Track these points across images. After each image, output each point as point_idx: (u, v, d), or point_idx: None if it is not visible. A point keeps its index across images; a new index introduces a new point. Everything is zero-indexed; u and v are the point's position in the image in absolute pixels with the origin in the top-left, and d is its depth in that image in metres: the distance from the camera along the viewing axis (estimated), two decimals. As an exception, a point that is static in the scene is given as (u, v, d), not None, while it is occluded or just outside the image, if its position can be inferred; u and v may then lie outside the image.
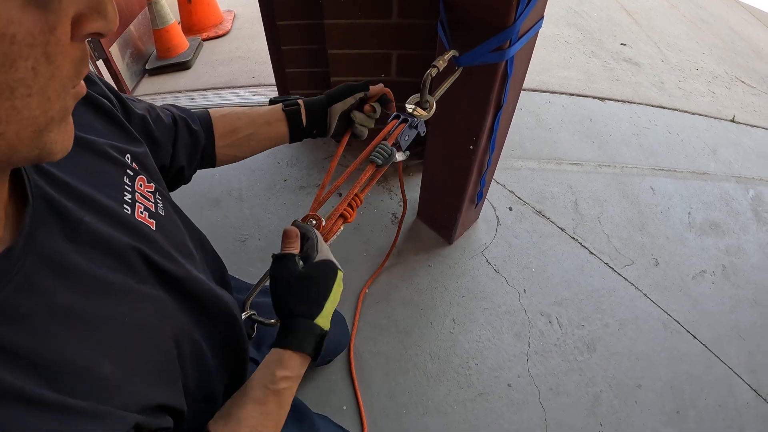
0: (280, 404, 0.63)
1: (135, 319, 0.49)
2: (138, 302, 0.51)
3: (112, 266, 0.49)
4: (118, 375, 0.45)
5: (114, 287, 0.48)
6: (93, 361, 0.43)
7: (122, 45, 2.68)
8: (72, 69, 0.34)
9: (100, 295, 0.46)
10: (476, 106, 1.23)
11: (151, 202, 0.61)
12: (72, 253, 0.46)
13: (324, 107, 0.91)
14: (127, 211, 0.55)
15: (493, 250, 1.79)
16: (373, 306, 1.63)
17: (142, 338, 0.50)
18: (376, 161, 0.83)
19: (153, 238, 0.56)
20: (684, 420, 1.43)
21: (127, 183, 0.58)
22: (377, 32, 1.63)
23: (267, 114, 0.90)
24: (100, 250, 0.49)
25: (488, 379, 1.47)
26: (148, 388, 0.49)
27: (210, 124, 0.87)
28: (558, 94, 2.64)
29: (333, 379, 1.46)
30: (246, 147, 0.90)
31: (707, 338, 1.62)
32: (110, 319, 0.47)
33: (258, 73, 2.77)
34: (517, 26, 1.01)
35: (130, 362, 0.47)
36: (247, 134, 0.89)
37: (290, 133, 0.91)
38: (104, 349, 0.45)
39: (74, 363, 0.42)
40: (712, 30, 3.69)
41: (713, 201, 2.10)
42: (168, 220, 0.63)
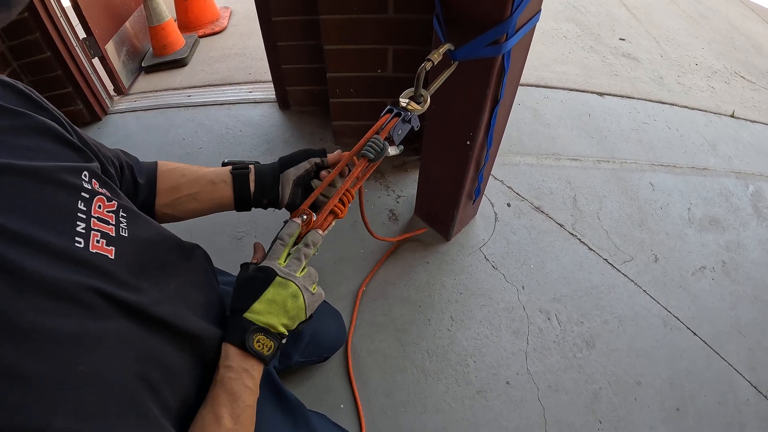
0: (230, 392, 0.65)
1: (88, 365, 0.48)
2: (95, 343, 0.49)
3: (64, 312, 0.48)
4: (75, 427, 0.44)
5: (67, 337, 0.47)
6: (44, 420, 0.42)
7: (118, 42, 2.66)
8: None
9: (51, 350, 0.45)
10: (473, 101, 1.22)
11: (111, 225, 0.59)
12: (18, 309, 0.44)
13: (276, 173, 0.88)
14: (79, 245, 0.53)
15: (492, 247, 1.78)
16: (370, 303, 1.62)
17: (98, 383, 0.48)
18: (368, 155, 0.82)
19: (109, 269, 0.55)
20: (684, 417, 1.42)
21: (81, 209, 0.55)
22: (373, 27, 1.62)
23: (212, 174, 0.88)
24: (50, 298, 0.47)
25: (487, 377, 1.46)
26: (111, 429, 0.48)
27: (154, 179, 0.85)
28: (556, 89, 2.62)
29: (330, 377, 1.45)
30: (187, 207, 0.87)
31: (707, 335, 1.61)
32: (63, 374, 0.45)
33: (254, 70, 2.75)
34: (513, 20, 0.99)
35: (87, 411, 0.46)
36: (188, 193, 0.86)
37: (235, 198, 0.88)
38: (57, 405, 0.44)
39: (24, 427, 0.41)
40: (711, 25, 3.67)
41: (713, 197, 2.09)
42: (135, 240, 0.62)
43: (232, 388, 0.65)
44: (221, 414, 0.62)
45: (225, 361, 0.67)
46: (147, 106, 2.50)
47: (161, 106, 2.49)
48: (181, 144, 2.24)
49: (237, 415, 0.63)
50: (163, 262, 0.67)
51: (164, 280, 0.65)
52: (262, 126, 2.31)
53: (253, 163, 0.91)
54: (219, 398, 0.63)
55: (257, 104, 2.45)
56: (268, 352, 0.69)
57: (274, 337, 0.70)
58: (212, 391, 0.65)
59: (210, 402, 0.63)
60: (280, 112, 2.39)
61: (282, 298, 0.71)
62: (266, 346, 0.69)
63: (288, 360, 1.22)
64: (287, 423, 0.91)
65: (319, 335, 1.28)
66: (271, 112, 2.40)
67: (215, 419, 0.62)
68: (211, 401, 0.63)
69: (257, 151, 2.18)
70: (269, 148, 2.19)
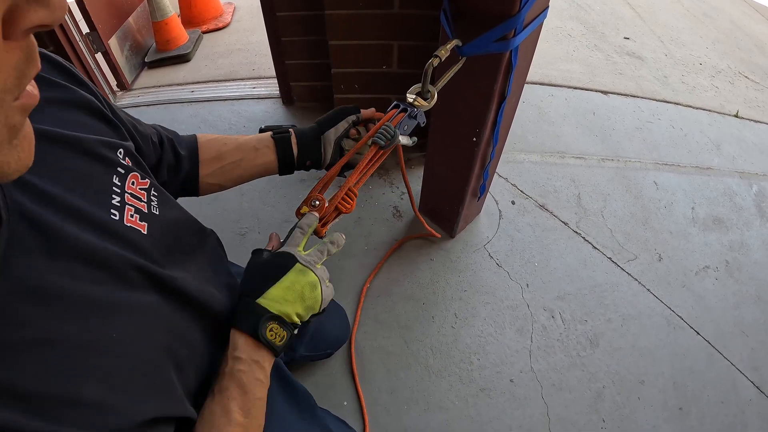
0: (239, 384, 0.62)
1: (122, 333, 0.47)
2: (126, 314, 0.49)
3: (98, 279, 0.48)
4: (106, 396, 0.44)
5: (100, 303, 0.47)
6: (75, 388, 0.42)
7: (121, 38, 2.66)
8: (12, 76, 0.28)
9: (84, 315, 0.45)
10: (480, 97, 1.21)
11: (143, 202, 0.59)
12: (53, 273, 0.44)
13: (316, 134, 0.88)
14: (114, 216, 0.53)
15: (496, 244, 1.78)
16: (374, 300, 1.62)
17: (130, 352, 0.48)
18: (379, 142, 0.81)
19: (142, 244, 0.55)
20: (686, 416, 1.42)
21: (116, 184, 0.56)
22: (378, 23, 1.61)
23: (254, 140, 0.87)
24: (85, 264, 0.47)
25: (490, 375, 1.45)
26: (139, 403, 0.47)
27: (196, 150, 0.84)
28: (561, 87, 2.61)
29: (333, 374, 1.45)
30: (231, 175, 0.87)
31: (710, 334, 1.60)
32: (94, 340, 0.45)
33: (258, 66, 2.75)
34: (522, 15, 0.99)
35: (118, 380, 0.46)
36: (232, 161, 0.86)
37: (279, 162, 0.88)
38: (88, 373, 0.43)
39: (55, 393, 0.40)
40: (715, 25, 3.66)
41: (717, 196, 2.09)
42: (163, 219, 0.62)
43: (242, 380, 0.62)
44: (231, 408, 0.60)
45: (234, 352, 0.64)
46: (150, 102, 2.50)
47: (164, 101, 2.49)
48: (184, 139, 2.23)
49: (248, 408, 0.62)
50: (187, 243, 0.67)
51: (188, 261, 0.66)
52: (266, 122, 2.29)
53: (291, 127, 0.91)
54: (228, 391, 0.61)
55: (261, 100, 2.44)
56: (280, 342, 0.66)
57: (287, 327, 0.66)
58: (221, 383, 0.62)
59: (219, 394, 0.61)
60: (283, 108, 2.39)
61: (301, 285, 0.67)
62: (279, 336, 0.65)
63: (293, 353, 1.22)
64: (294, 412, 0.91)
65: (324, 329, 1.28)
66: (275, 107, 2.39)
67: (225, 413, 0.60)
68: (220, 393, 0.61)
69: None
70: (273, 144, 2.18)
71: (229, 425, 0.59)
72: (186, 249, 0.67)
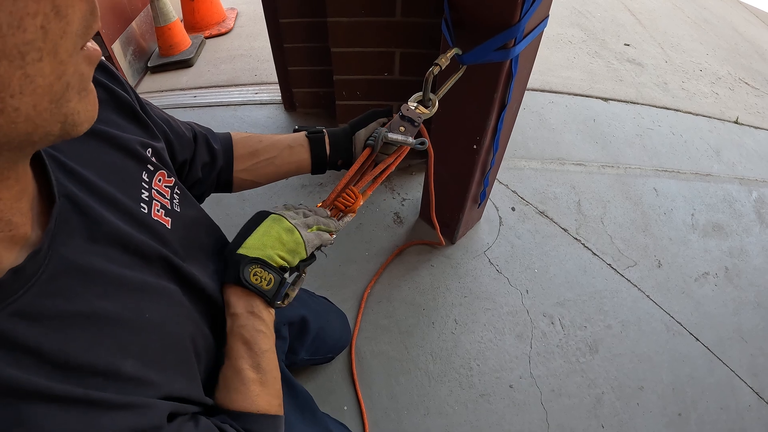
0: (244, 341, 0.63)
1: (155, 314, 0.50)
2: (156, 298, 0.52)
3: (130, 264, 0.50)
4: (142, 372, 0.46)
5: (134, 285, 0.49)
6: (116, 361, 0.44)
7: (124, 42, 2.67)
8: (82, 23, 0.31)
9: (121, 294, 0.47)
10: (480, 105, 1.22)
11: (167, 199, 0.61)
12: (93, 254, 0.46)
13: (348, 135, 0.89)
14: (143, 209, 0.55)
15: (496, 251, 1.79)
16: (374, 306, 1.62)
17: (162, 333, 0.51)
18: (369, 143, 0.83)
19: (167, 237, 0.57)
20: (686, 422, 1.42)
21: (145, 180, 0.58)
22: (380, 30, 1.62)
23: (289, 139, 0.88)
24: (120, 249, 0.49)
25: (490, 380, 1.46)
26: (171, 382, 0.50)
27: (230, 145, 0.86)
28: (561, 94, 2.63)
29: (334, 379, 1.46)
30: (266, 171, 0.88)
31: (709, 340, 1.61)
32: (131, 318, 0.47)
33: (260, 71, 2.76)
34: (521, 25, 1.00)
35: (152, 358, 0.48)
36: (267, 158, 0.87)
37: (312, 160, 0.88)
38: (126, 348, 0.46)
39: (97, 365, 0.42)
40: (716, 31, 3.68)
41: (716, 203, 2.09)
42: (184, 217, 0.64)
43: (243, 336, 0.63)
44: (241, 366, 0.61)
45: (229, 309, 0.65)
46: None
47: (167, 106, 2.50)
48: (186, 144, 2.24)
49: (257, 363, 0.63)
50: (205, 243, 0.69)
51: (205, 260, 0.67)
52: (268, 127, 2.32)
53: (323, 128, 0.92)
54: (234, 350, 0.62)
55: (263, 105, 2.46)
56: (268, 286, 0.65)
57: (272, 270, 0.66)
58: (227, 345, 0.63)
59: (228, 357, 0.63)
60: (285, 114, 2.40)
61: (276, 231, 0.68)
62: (264, 279, 0.65)
63: (294, 356, 1.23)
64: (295, 413, 0.92)
65: (325, 333, 1.29)
66: (277, 113, 2.41)
67: (236, 373, 0.61)
68: (228, 356, 0.62)
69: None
70: (274, 150, 2.19)
71: (243, 384, 0.61)
72: (203, 247, 0.68)
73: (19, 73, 0.28)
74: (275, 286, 0.66)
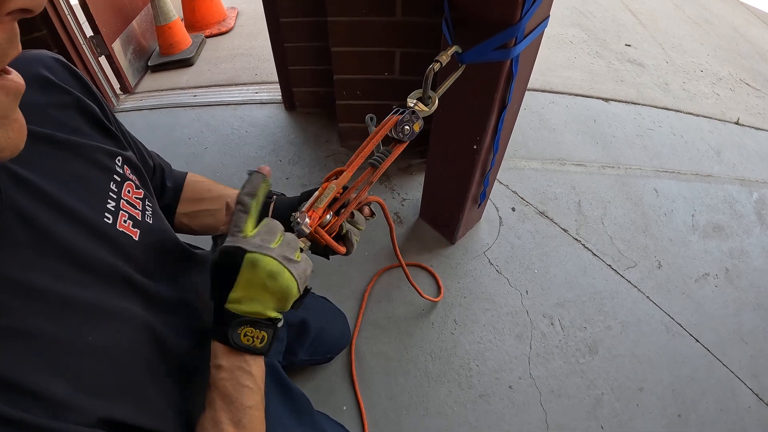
0: (224, 395, 0.58)
1: (99, 337, 0.48)
2: (107, 319, 0.50)
3: (84, 282, 0.48)
4: (72, 394, 0.44)
5: (81, 305, 0.47)
6: (45, 383, 0.42)
7: (125, 41, 2.67)
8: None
9: (64, 315, 0.45)
10: (481, 105, 1.22)
11: (137, 210, 0.60)
12: (39, 269, 0.45)
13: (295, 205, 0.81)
14: (108, 220, 0.54)
15: (496, 251, 1.78)
16: (374, 306, 1.62)
17: (104, 356, 0.48)
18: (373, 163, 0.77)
19: (131, 251, 0.56)
20: (685, 423, 1.42)
21: (113, 189, 0.57)
22: (381, 30, 1.62)
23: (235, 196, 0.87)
24: (71, 264, 0.48)
25: (489, 381, 1.46)
26: (104, 406, 0.47)
27: (181, 187, 0.85)
28: (562, 94, 2.62)
29: (333, 379, 1.45)
30: (205, 222, 0.86)
31: (709, 341, 1.61)
32: (69, 340, 0.45)
33: (261, 71, 2.76)
34: (522, 24, 1.00)
35: (87, 381, 0.46)
36: (209, 209, 0.86)
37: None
38: (60, 370, 0.44)
39: (25, 385, 0.41)
40: (717, 32, 3.67)
41: (717, 203, 2.09)
42: (155, 228, 0.63)
43: (225, 389, 0.58)
44: (220, 419, 0.57)
45: (215, 360, 0.59)
46: (153, 105, 2.51)
47: (167, 105, 2.50)
48: (186, 144, 2.24)
49: (238, 419, 0.58)
50: (176, 258, 0.68)
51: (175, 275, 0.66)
52: (268, 127, 2.32)
53: (278, 194, 0.88)
54: (215, 402, 0.58)
55: (263, 105, 2.46)
56: (261, 344, 0.59)
57: (264, 326, 0.59)
58: (208, 395, 0.59)
59: (208, 406, 0.59)
60: (285, 113, 2.40)
61: (259, 279, 0.57)
62: (257, 338, 0.59)
63: (293, 357, 1.22)
64: (291, 416, 0.91)
65: (325, 333, 1.28)
66: (277, 113, 2.41)
67: (214, 425, 0.57)
68: (209, 405, 0.59)
69: (263, 151, 2.18)
70: (274, 149, 2.19)
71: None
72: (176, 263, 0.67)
73: None
74: (269, 341, 0.60)
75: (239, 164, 2.12)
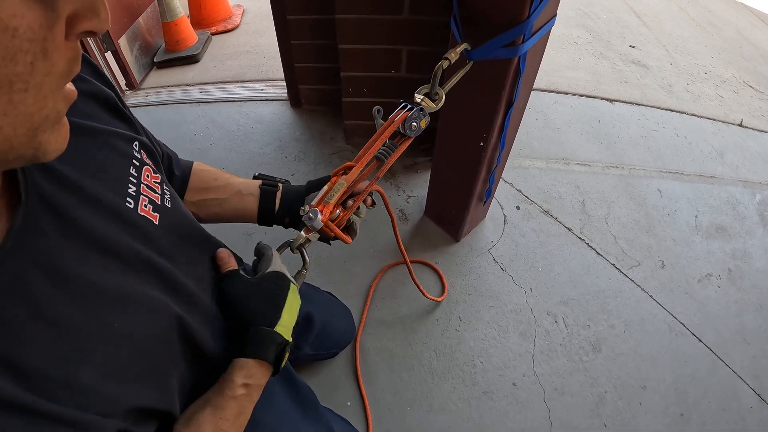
0: (239, 410, 0.62)
1: (125, 323, 0.48)
2: (131, 305, 0.50)
3: (107, 267, 0.48)
4: (99, 381, 0.44)
5: (107, 291, 0.48)
6: (72, 369, 0.42)
7: (131, 37, 2.68)
8: (65, 67, 0.34)
9: (90, 300, 0.46)
10: (488, 102, 1.23)
11: (157, 194, 0.60)
12: (65, 255, 0.45)
13: (302, 195, 0.88)
14: (129, 205, 0.54)
15: (500, 249, 1.79)
16: (379, 302, 1.63)
17: (130, 343, 0.49)
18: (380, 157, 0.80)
19: (153, 235, 0.56)
20: (687, 423, 1.42)
21: (133, 174, 0.57)
22: (388, 28, 1.63)
23: (242, 185, 0.88)
24: (96, 250, 0.48)
25: (493, 378, 1.46)
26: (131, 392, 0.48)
27: (188, 175, 0.86)
28: (566, 94, 2.63)
29: (337, 374, 1.46)
30: (212, 211, 0.87)
31: (712, 341, 1.61)
32: (98, 326, 0.46)
33: (266, 68, 2.77)
34: (530, 22, 1.01)
35: (113, 368, 0.46)
36: (216, 197, 0.87)
37: (259, 212, 0.88)
38: (86, 357, 0.44)
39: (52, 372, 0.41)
40: (720, 34, 3.67)
41: (720, 205, 2.10)
42: (174, 212, 0.63)
43: (243, 406, 0.62)
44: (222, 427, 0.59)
45: (247, 378, 0.63)
46: (158, 102, 2.52)
47: (173, 101, 2.51)
48: (192, 140, 2.25)
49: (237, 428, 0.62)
50: (195, 242, 0.68)
51: (194, 261, 0.66)
52: (273, 123, 2.32)
53: (284, 182, 0.91)
54: (225, 412, 0.60)
55: (269, 102, 2.46)
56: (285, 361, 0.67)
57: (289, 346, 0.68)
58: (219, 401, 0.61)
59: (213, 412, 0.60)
60: (291, 111, 2.41)
61: (297, 305, 0.70)
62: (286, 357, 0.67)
63: (298, 350, 1.23)
64: (297, 410, 0.92)
65: (330, 328, 1.29)
66: (283, 110, 2.42)
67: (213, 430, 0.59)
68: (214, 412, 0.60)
69: (268, 148, 2.19)
70: (280, 146, 2.20)
71: None
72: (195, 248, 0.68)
73: (5, 99, 0.30)
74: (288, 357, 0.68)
75: (244, 160, 2.13)
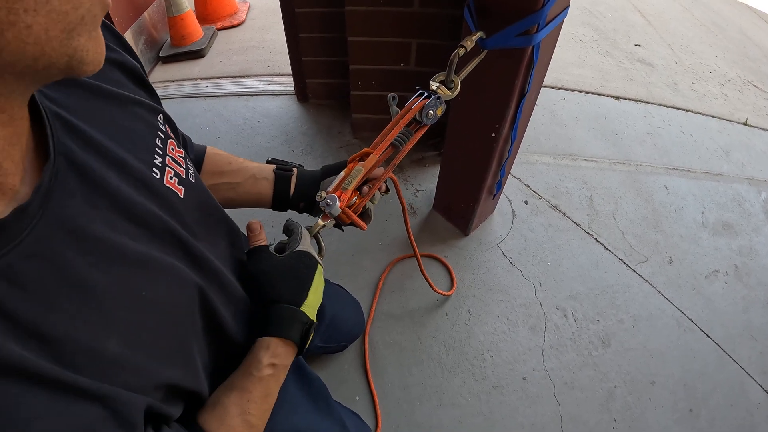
0: (266, 391, 0.61)
1: (153, 292, 0.47)
2: (158, 275, 0.48)
3: (133, 234, 0.47)
4: (126, 352, 0.43)
5: (134, 258, 0.46)
6: (99, 338, 0.40)
7: (136, 32, 2.67)
8: None
9: (117, 266, 0.43)
10: (501, 92, 1.23)
11: (182, 168, 0.59)
12: (92, 218, 0.43)
13: (317, 180, 0.87)
14: (156, 175, 0.52)
15: (509, 243, 1.79)
16: (388, 296, 1.62)
17: (157, 313, 0.47)
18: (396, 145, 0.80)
19: (178, 208, 0.55)
20: (696, 418, 1.42)
21: (159, 146, 0.56)
22: (398, 20, 1.63)
23: (256, 169, 0.87)
24: (123, 216, 0.46)
25: (503, 372, 1.46)
26: (158, 366, 0.46)
27: (202, 159, 0.85)
28: (573, 91, 2.63)
29: (346, 368, 1.45)
30: (226, 195, 0.86)
31: (719, 337, 1.61)
32: (125, 293, 0.44)
33: (273, 63, 2.76)
34: (545, 11, 1.01)
35: (140, 339, 0.45)
36: (230, 182, 0.85)
37: (274, 196, 0.87)
38: (114, 325, 0.42)
39: (79, 340, 0.39)
40: (725, 34, 3.68)
41: (726, 202, 2.10)
42: (198, 187, 0.62)
43: (269, 387, 0.62)
44: (249, 410, 0.59)
45: (274, 358, 0.62)
46: (164, 96, 2.51)
47: (179, 95, 2.50)
48: (198, 133, 2.24)
49: (264, 411, 0.61)
50: (215, 222, 0.67)
51: (215, 239, 0.66)
52: (280, 118, 2.32)
53: (297, 166, 0.90)
54: (251, 394, 0.60)
55: (275, 96, 2.46)
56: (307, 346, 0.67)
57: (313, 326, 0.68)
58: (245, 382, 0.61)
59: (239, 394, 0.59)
60: (298, 105, 2.40)
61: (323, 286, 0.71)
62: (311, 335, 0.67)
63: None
64: (309, 401, 0.92)
65: (339, 320, 1.28)
66: (290, 104, 2.41)
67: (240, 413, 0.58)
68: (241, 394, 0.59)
69: (275, 142, 2.19)
70: (287, 140, 2.19)
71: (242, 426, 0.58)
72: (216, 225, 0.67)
73: None
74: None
75: (251, 154, 2.12)
